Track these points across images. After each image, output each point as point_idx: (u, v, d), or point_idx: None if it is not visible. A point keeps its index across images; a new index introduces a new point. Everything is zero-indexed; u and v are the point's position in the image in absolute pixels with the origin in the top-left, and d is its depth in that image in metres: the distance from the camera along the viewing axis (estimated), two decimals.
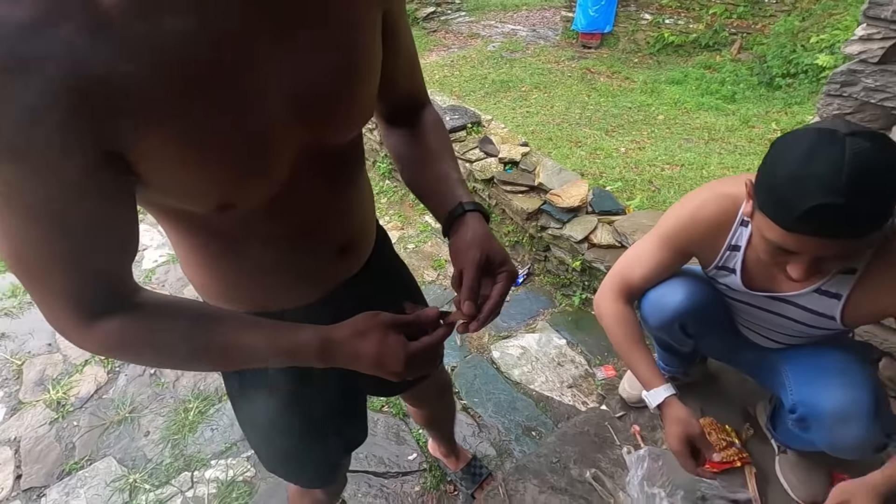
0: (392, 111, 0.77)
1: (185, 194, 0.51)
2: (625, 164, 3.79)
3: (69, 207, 0.44)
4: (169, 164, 0.46)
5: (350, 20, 0.55)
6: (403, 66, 0.70)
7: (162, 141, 0.44)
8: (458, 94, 5.48)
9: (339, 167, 0.66)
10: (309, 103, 0.53)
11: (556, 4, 8.51)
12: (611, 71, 5.96)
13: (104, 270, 0.50)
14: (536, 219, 2.32)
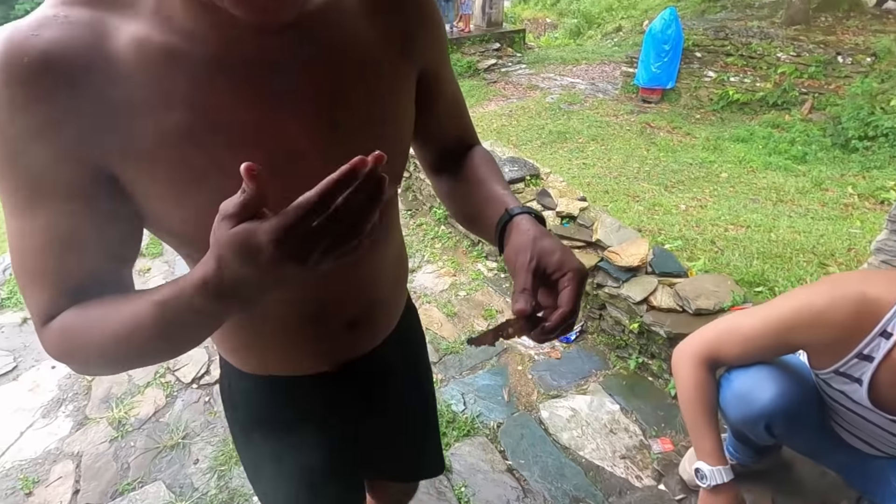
0: (438, 157, 0.74)
1: (162, 226, 0.51)
2: (685, 222, 3.68)
3: (57, 210, 0.45)
4: (146, 191, 0.47)
5: (377, 93, 0.55)
6: (446, 113, 0.69)
7: (139, 168, 0.45)
8: (515, 143, 5.58)
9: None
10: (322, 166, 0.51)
11: (616, 59, 8.63)
12: (671, 126, 5.91)
13: (81, 275, 0.48)
14: (593, 276, 2.27)
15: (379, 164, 0.37)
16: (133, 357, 0.51)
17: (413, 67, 0.59)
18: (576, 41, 11.56)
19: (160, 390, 2.18)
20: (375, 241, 0.65)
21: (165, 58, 0.44)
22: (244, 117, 0.47)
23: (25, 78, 0.40)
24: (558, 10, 13.93)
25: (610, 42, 10.44)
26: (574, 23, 12.39)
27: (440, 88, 0.65)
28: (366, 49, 0.53)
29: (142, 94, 0.43)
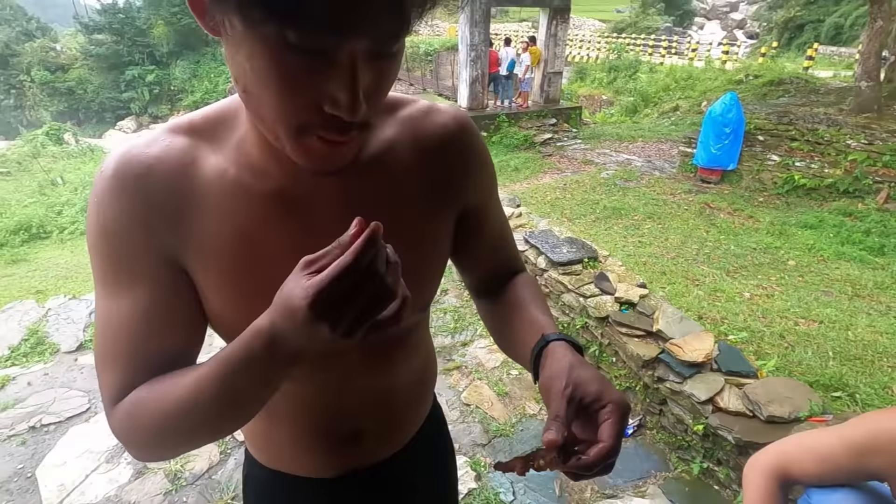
0: (481, 282, 0.75)
1: (216, 324, 0.57)
2: (750, 312, 3.51)
3: (141, 296, 0.51)
4: (206, 290, 0.53)
5: (414, 236, 0.58)
6: (490, 244, 0.72)
7: (204, 270, 0.52)
8: (569, 216, 5.63)
9: (380, 349, 0.64)
10: None
11: (673, 138, 8.69)
12: (732, 208, 5.78)
13: (154, 358, 0.52)
14: (653, 368, 2.20)
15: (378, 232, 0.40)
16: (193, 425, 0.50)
17: (454, 210, 0.64)
18: (632, 119, 11.78)
19: (216, 446, 2.24)
20: (404, 352, 0.67)
21: (235, 188, 0.52)
22: (291, 243, 0.53)
23: (131, 183, 0.50)
24: (614, 88, 14.34)
25: (667, 121, 10.56)
26: (630, 101, 12.68)
27: (484, 223, 0.69)
28: (409, 195, 0.58)
29: (213, 213, 0.52)
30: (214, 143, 0.53)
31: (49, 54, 24.49)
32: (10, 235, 6.67)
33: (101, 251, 0.51)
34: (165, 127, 0.54)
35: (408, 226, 0.58)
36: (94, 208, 0.51)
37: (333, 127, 0.43)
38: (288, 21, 0.36)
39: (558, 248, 2.87)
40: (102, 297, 0.53)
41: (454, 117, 0.63)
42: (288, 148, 0.45)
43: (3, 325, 3.29)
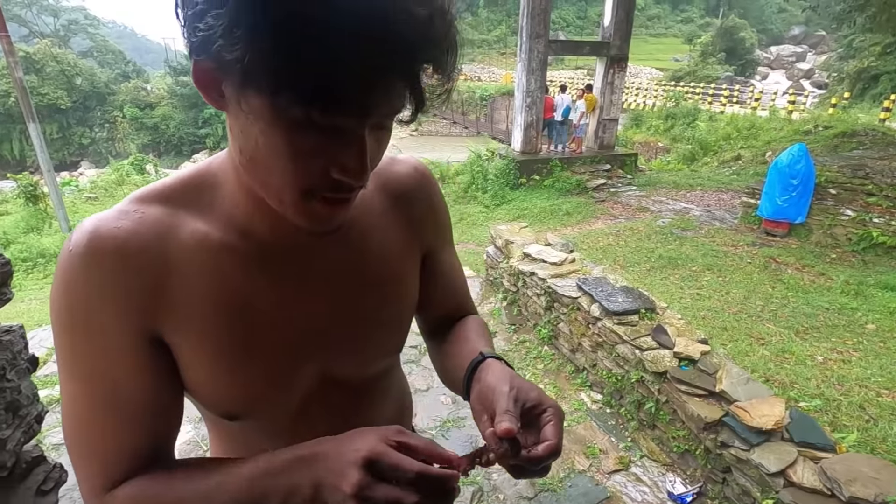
0: (433, 324, 0.78)
1: (198, 394, 0.55)
2: (823, 378, 3.24)
3: (115, 379, 0.49)
4: (187, 365, 0.52)
5: (389, 275, 0.62)
6: (441, 289, 0.74)
7: (186, 346, 0.51)
8: (622, 263, 5.49)
9: (358, 396, 0.65)
10: (333, 344, 0.59)
11: (735, 188, 8.40)
12: (801, 263, 5.45)
13: (138, 443, 0.51)
14: (716, 431, 2.06)
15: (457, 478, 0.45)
16: None
17: (420, 250, 0.68)
18: (689, 167, 11.51)
19: None
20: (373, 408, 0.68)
21: (220, 250, 0.52)
22: (277, 299, 0.55)
23: (102, 261, 0.47)
24: (671, 135, 14.14)
25: (728, 170, 10.24)
26: (688, 149, 12.43)
27: (437, 266, 0.72)
28: (384, 247, 0.62)
29: (194, 279, 0.51)
30: (193, 209, 0.53)
31: (140, 93, 27.22)
32: None
33: (67, 333, 0.48)
34: (133, 198, 0.52)
35: (384, 271, 0.62)
36: (62, 287, 0.48)
37: (340, 189, 0.46)
38: (316, 105, 0.38)
39: (613, 296, 2.79)
40: (69, 383, 0.50)
41: (415, 167, 0.68)
42: (291, 211, 0.47)
43: None
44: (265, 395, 0.56)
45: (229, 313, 0.52)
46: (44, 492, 0.59)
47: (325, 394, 0.61)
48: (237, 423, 0.58)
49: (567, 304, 3.08)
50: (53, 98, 24.32)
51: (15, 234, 8.29)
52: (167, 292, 0.50)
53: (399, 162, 0.67)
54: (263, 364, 0.55)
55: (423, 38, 0.39)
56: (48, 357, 3.31)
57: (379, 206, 0.63)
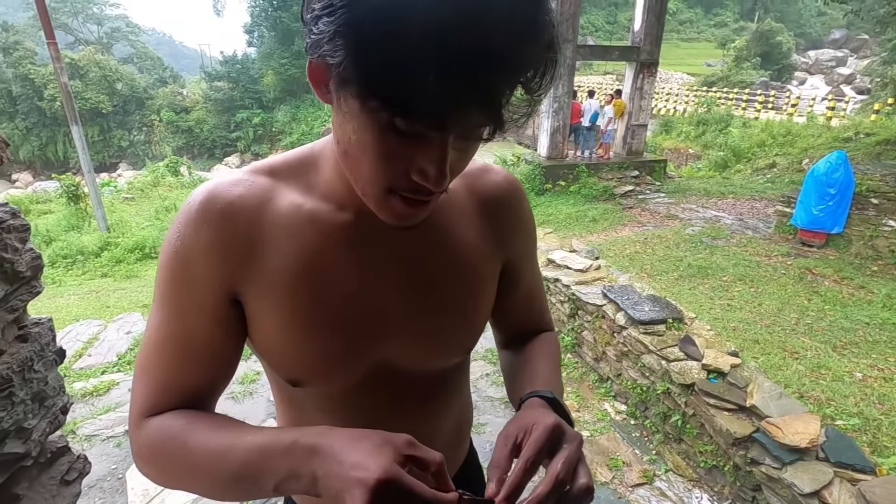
0: (508, 336, 0.79)
1: (267, 356, 0.59)
2: (863, 396, 3.10)
3: (189, 319, 0.55)
4: (262, 326, 0.56)
5: (468, 272, 0.63)
6: (522, 302, 0.75)
7: (264, 306, 0.55)
8: (649, 272, 5.37)
9: (419, 391, 0.66)
10: (401, 332, 0.60)
11: (769, 196, 8.14)
12: (839, 276, 5.24)
13: (189, 382, 0.56)
14: (746, 448, 1.99)
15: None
16: (203, 485, 0.53)
17: (501, 259, 0.68)
18: (721, 174, 11.22)
19: None
20: (444, 397, 0.69)
21: (309, 218, 0.57)
22: (357, 276, 0.58)
23: (212, 217, 0.54)
24: (703, 142, 13.83)
25: (762, 178, 9.94)
26: (720, 156, 12.12)
27: (518, 278, 0.72)
28: (467, 245, 0.63)
29: (282, 244, 0.55)
30: (292, 184, 0.59)
31: (176, 98, 28.17)
32: (127, 253, 7.53)
33: (168, 271, 0.55)
34: (247, 168, 0.60)
35: (465, 267, 0.63)
36: (175, 232, 0.55)
37: (419, 192, 0.48)
38: (399, 112, 0.41)
39: (640, 305, 2.73)
40: (156, 312, 0.57)
41: (507, 179, 0.69)
42: (373, 204, 0.51)
43: (114, 334, 3.67)
44: (325, 368, 0.59)
45: (307, 283, 0.56)
46: (67, 482, 0.61)
47: (383, 380, 0.62)
48: (298, 389, 0.61)
49: (592, 311, 3.03)
50: (95, 102, 25.38)
51: (57, 231, 8.67)
52: (256, 256, 0.55)
53: (492, 171, 0.69)
54: (329, 338, 0.57)
55: (518, 63, 0.40)
56: (84, 351, 3.44)
57: (467, 207, 0.65)
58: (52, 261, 7.39)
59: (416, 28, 0.37)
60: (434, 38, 0.37)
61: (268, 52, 24.60)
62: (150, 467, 0.55)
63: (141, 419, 0.56)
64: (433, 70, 0.37)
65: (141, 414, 0.56)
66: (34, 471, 0.61)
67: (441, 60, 0.37)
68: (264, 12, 24.35)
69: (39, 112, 25.12)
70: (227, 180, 0.57)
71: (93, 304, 5.29)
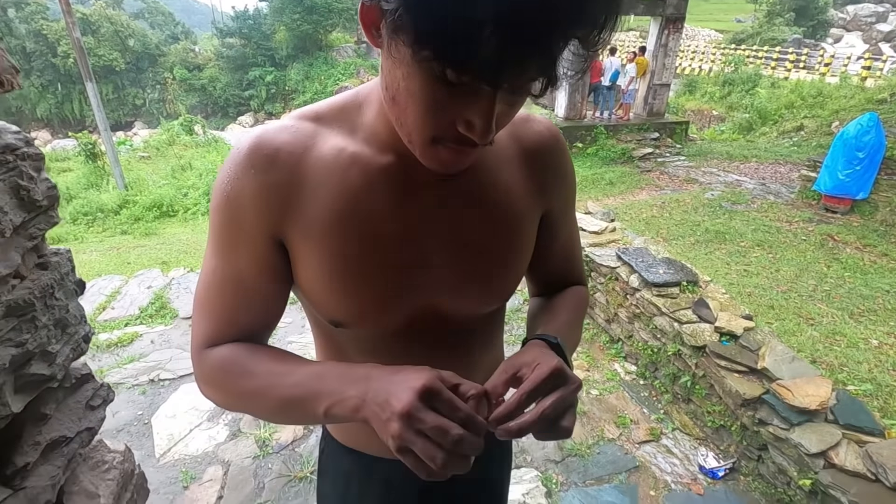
0: (540, 285, 0.80)
1: (311, 298, 0.61)
2: (877, 362, 3.08)
3: (241, 263, 0.58)
4: (306, 268, 0.58)
5: (510, 219, 0.63)
6: (558, 253, 0.75)
7: (307, 249, 0.57)
8: (665, 237, 5.30)
9: (459, 336, 0.68)
10: (442, 277, 0.61)
11: (794, 161, 7.89)
12: (862, 243, 5.11)
13: (244, 319, 0.61)
14: (754, 409, 2.00)
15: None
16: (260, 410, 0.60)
17: (542, 208, 0.68)
18: (745, 137, 10.85)
19: None
20: (481, 346, 0.71)
21: (351, 161, 0.57)
22: (399, 219, 0.58)
23: (259, 162, 0.56)
24: (728, 103, 13.31)
25: (788, 141, 9.60)
26: (745, 118, 11.69)
27: (557, 229, 0.72)
28: (509, 192, 0.63)
29: (325, 187, 0.56)
30: (335, 128, 0.59)
31: (189, 55, 27.77)
32: (145, 211, 7.64)
33: (220, 215, 0.58)
34: (295, 115, 0.61)
35: (507, 214, 0.63)
36: (224, 177, 0.57)
37: (464, 143, 0.48)
38: (451, 64, 0.40)
39: (654, 267, 2.71)
40: (210, 254, 0.60)
41: (549, 129, 0.68)
42: (418, 152, 0.51)
43: (136, 289, 3.77)
44: (369, 310, 0.60)
45: (349, 225, 0.57)
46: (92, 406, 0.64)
47: (427, 324, 0.63)
48: (340, 331, 0.63)
49: (605, 273, 3.02)
50: (109, 59, 25.16)
51: (77, 189, 8.80)
52: (300, 200, 0.56)
53: (536, 120, 0.68)
54: (372, 279, 0.58)
55: (580, 17, 0.39)
56: (107, 304, 3.55)
57: (510, 155, 0.64)
58: (74, 218, 7.53)
59: None
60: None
61: (279, 7, 23.89)
62: (213, 390, 0.61)
63: (201, 350, 0.61)
64: (491, 22, 0.36)
65: (201, 346, 0.61)
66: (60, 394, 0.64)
67: (500, 12, 0.36)
68: None
69: (54, 69, 25.03)
70: (273, 126, 0.58)
71: (114, 260, 5.43)
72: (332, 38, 25.54)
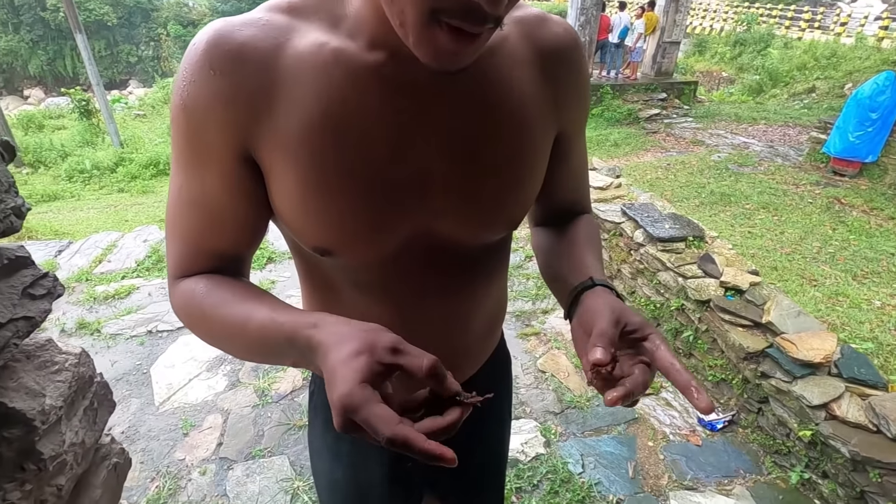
0: (545, 213, 0.73)
1: (289, 222, 0.54)
2: (879, 322, 3.07)
3: (206, 181, 0.51)
4: (282, 187, 0.50)
5: (524, 130, 0.55)
6: (567, 178, 0.68)
7: (283, 164, 0.49)
8: (670, 198, 5.22)
9: (459, 268, 0.60)
10: (443, 196, 0.53)
11: (804, 123, 7.71)
12: (869, 206, 5.04)
13: (216, 245, 0.55)
14: (757, 362, 1.99)
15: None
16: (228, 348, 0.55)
17: (555, 126, 0.60)
18: (755, 99, 10.57)
19: (299, 371, 2.39)
20: (484, 278, 0.65)
21: (334, 58, 0.48)
22: (390, 127, 0.50)
23: (218, 61, 0.47)
24: (738, 64, 12.92)
25: (798, 103, 9.36)
26: (755, 79, 11.36)
27: (569, 152, 0.65)
28: (522, 99, 0.54)
29: (302, 89, 0.48)
30: (314, 21, 0.50)
31: (182, 10, 26.82)
32: (142, 169, 7.51)
33: (180, 126, 0.50)
34: (264, 6, 0.51)
35: (519, 126, 0.55)
36: (181, 82, 0.49)
37: (469, 16, 0.39)
38: None
39: (659, 223, 2.65)
40: (175, 171, 0.53)
41: (568, 31, 0.59)
42: (413, 37, 0.41)
43: (133, 243, 3.73)
44: (358, 233, 0.52)
45: (329, 133, 0.48)
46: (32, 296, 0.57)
47: (424, 252, 0.56)
48: (328, 261, 0.56)
49: (609, 229, 2.96)
50: (100, 14, 24.29)
51: (72, 146, 8.64)
52: (271, 105, 0.48)
53: (552, 20, 0.59)
54: (361, 197, 0.50)
55: None
56: (103, 257, 3.51)
57: (524, 58, 0.55)
58: (70, 175, 7.42)
59: None
60: None
61: None
62: (185, 325, 0.57)
63: (173, 280, 0.57)
64: None
65: (173, 275, 0.57)
66: None
67: None
68: None
69: (44, 24, 24.22)
70: (238, 19, 0.49)
71: (112, 217, 5.37)
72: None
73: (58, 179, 7.46)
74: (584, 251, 0.64)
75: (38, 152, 8.21)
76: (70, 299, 2.99)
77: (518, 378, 2.32)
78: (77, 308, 2.90)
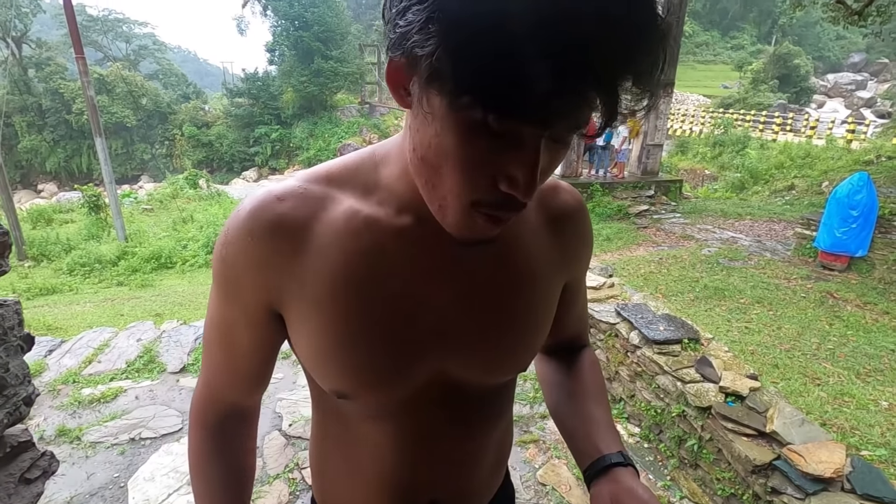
0: (552, 347, 0.79)
1: (312, 368, 0.58)
2: (889, 425, 2.97)
3: (235, 328, 0.58)
4: (306, 336, 0.55)
5: (535, 287, 0.60)
6: (573, 315, 0.74)
7: (308, 317, 0.54)
8: (664, 293, 5.27)
9: (470, 407, 0.63)
10: (459, 346, 0.57)
11: (788, 219, 8.01)
12: (862, 301, 5.08)
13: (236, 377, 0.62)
14: (766, 476, 1.89)
15: None
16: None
17: (564, 278, 0.66)
18: (738, 195, 11.08)
19: (286, 485, 2.25)
20: (482, 426, 0.67)
21: (366, 225, 0.53)
22: (411, 284, 0.54)
23: (258, 230, 0.52)
24: (719, 163, 13.72)
25: (780, 200, 9.80)
26: (737, 177, 12.00)
27: (576, 295, 0.72)
28: (534, 259, 0.60)
29: (332, 251, 0.52)
30: (348, 191, 0.55)
31: (198, 113, 28.89)
32: (143, 263, 7.64)
33: (218, 274, 0.57)
34: (305, 176, 0.57)
35: (531, 284, 0.60)
36: (223, 238, 0.55)
37: (505, 206, 0.44)
38: (496, 109, 0.37)
39: (654, 324, 2.66)
40: (212, 310, 0.60)
41: (575, 197, 0.66)
42: (450, 219, 0.46)
43: (125, 342, 3.69)
44: (375, 381, 0.56)
45: (353, 289, 0.53)
46: (28, 480, 0.57)
47: (436, 394, 0.59)
48: (345, 402, 0.59)
49: (604, 330, 2.97)
50: (121, 117, 26.10)
51: (77, 240, 8.85)
52: (303, 266, 0.53)
53: (561, 187, 0.66)
54: (376, 349, 0.54)
55: (629, 50, 0.35)
56: (94, 357, 3.45)
57: (536, 222, 0.61)
58: (71, 269, 7.52)
59: (525, 10, 0.33)
60: (547, 22, 0.33)
61: (288, 70, 25.11)
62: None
63: (199, 414, 0.65)
64: (543, 59, 0.33)
65: (200, 395, 0.65)
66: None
67: (553, 47, 0.33)
68: (286, 31, 24.89)
69: (67, 125, 25.93)
70: (278, 191, 0.54)
71: (107, 311, 5.35)
72: (337, 99, 26.67)
73: (58, 273, 7.55)
74: (595, 404, 0.70)
75: (44, 246, 8.41)
76: (54, 403, 2.89)
77: (518, 493, 2.19)
78: (60, 413, 2.79)
